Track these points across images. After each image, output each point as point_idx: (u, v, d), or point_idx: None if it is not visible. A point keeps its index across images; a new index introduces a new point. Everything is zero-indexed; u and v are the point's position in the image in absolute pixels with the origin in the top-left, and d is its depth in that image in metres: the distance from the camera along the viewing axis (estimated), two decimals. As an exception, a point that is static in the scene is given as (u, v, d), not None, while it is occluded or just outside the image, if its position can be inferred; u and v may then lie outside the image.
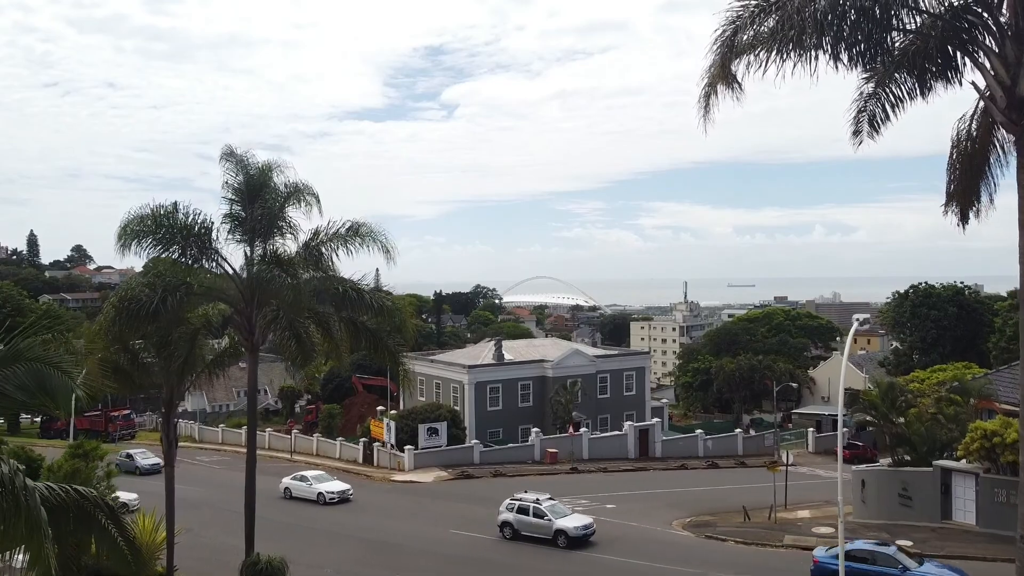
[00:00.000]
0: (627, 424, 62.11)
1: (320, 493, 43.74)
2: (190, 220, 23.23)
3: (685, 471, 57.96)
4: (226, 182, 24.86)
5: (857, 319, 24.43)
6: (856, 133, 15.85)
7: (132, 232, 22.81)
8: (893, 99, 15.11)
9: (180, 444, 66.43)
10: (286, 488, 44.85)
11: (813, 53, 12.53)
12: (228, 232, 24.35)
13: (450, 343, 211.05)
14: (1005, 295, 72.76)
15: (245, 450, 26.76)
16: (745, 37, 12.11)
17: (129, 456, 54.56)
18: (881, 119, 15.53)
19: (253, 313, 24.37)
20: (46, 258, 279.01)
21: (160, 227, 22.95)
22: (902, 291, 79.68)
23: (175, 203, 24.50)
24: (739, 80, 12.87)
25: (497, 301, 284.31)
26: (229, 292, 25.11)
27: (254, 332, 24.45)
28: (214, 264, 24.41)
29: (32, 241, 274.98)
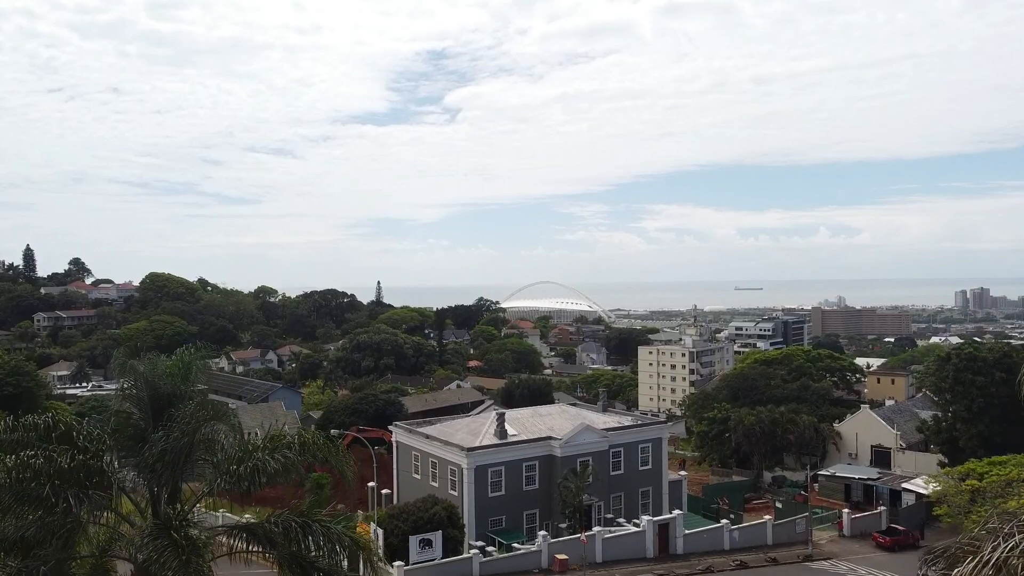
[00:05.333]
0: (645, 519, 55.40)
1: None
2: (73, 463, 16.58)
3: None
4: (122, 387, 18.33)
5: None
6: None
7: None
8: None
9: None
10: None
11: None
12: (122, 463, 17.85)
13: (452, 361, 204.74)
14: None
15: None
16: None
17: None
18: None
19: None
20: (45, 269, 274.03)
21: (33, 477, 16.34)
22: (944, 354, 72.81)
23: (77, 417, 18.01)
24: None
25: (501, 314, 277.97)
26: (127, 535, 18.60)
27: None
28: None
29: (28, 255, 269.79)
